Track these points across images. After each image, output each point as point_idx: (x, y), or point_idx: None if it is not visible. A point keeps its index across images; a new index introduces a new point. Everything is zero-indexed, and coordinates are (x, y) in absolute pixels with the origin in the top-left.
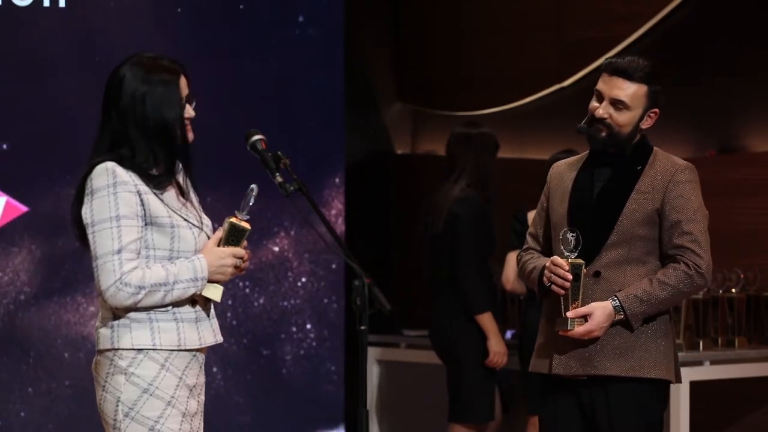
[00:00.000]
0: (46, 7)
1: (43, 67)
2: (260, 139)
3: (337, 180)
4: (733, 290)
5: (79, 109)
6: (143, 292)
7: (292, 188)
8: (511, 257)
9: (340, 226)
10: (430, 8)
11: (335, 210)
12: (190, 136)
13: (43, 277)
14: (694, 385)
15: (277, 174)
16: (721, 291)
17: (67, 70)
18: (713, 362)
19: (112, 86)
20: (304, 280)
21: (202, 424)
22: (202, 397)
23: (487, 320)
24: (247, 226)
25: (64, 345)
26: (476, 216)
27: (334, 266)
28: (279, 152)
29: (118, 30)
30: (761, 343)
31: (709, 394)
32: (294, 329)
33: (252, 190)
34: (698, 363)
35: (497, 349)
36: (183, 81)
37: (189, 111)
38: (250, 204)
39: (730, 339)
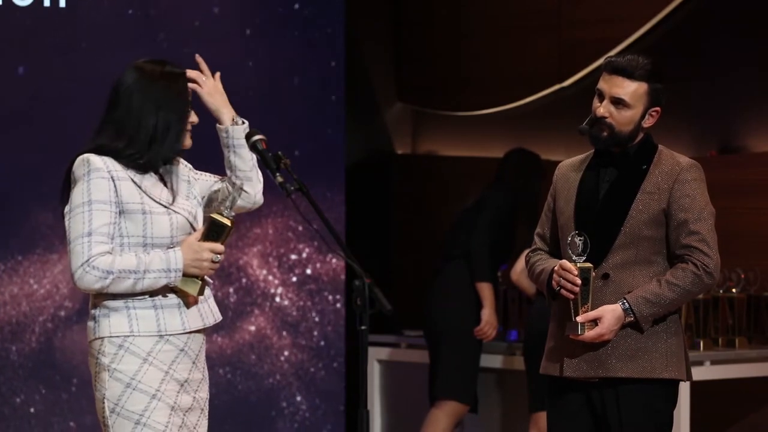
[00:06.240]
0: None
1: None
2: (261, 139)
3: (337, 180)
4: (734, 290)
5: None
6: (111, 277)
7: (292, 188)
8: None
9: (340, 226)
10: (430, 8)
11: (335, 210)
12: (189, 143)
13: None
14: (694, 385)
15: (278, 174)
16: (721, 291)
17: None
18: (713, 362)
19: (117, 89)
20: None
21: (204, 421)
22: (202, 394)
23: (486, 289)
24: (227, 222)
25: None
26: (504, 206)
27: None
28: (279, 152)
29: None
30: (761, 343)
31: (709, 394)
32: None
33: (236, 187)
34: (698, 363)
35: (489, 319)
36: (188, 87)
37: (193, 117)
38: (235, 201)
39: (730, 339)
